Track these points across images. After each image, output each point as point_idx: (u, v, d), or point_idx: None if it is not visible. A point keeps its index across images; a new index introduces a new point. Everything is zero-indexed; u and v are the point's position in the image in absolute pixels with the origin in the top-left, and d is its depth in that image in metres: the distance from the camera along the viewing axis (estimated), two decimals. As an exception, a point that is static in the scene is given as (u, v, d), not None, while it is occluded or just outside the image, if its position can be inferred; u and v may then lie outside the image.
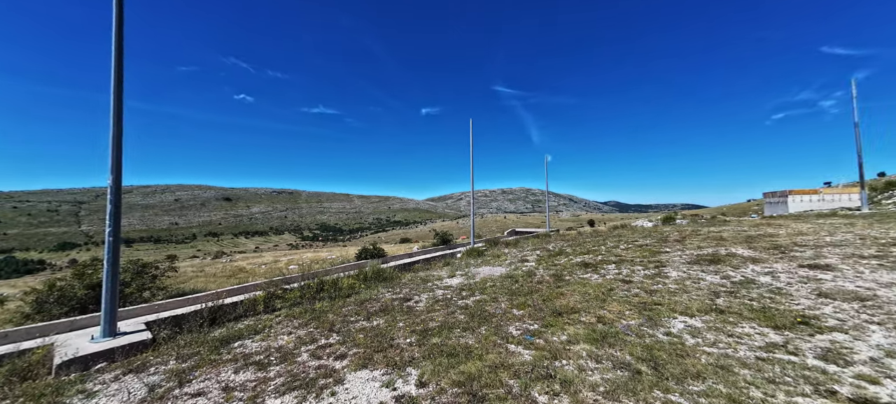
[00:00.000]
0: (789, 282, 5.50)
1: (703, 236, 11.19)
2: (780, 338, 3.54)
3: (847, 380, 2.72)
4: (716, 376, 2.91)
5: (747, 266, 6.68)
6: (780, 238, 9.74)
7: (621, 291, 5.77)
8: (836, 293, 4.75)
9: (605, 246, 10.92)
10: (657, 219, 23.39)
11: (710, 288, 5.52)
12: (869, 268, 5.93)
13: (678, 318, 4.32)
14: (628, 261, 8.11)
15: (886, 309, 4.08)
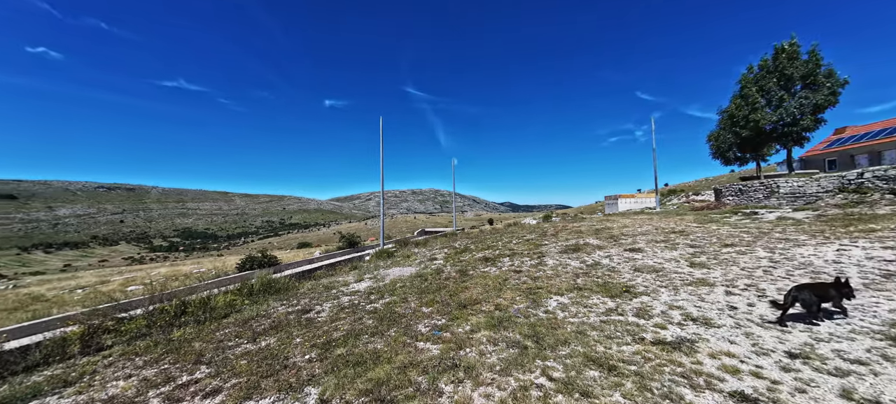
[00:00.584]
0: (619, 262, 7.45)
1: (570, 230, 14.00)
2: (614, 304, 4.76)
3: (649, 329, 3.87)
4: (576, 340, 3.68)
5: (596, 252, 8.72)
6: (614, 230, 13.06)
7: (514, 280, 6.64)
8: (643, 268, 6.71)
9: (501, 241, 12.37)
10: (539, 218, 27.87)
11: (574, 271, 6.95)
12: (660, 249, 8.61)
13: (553, 298, 5.27)
14: (519, 254, 9.40)
15: (669, 276, 6.00)
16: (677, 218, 16.02)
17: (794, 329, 3.51)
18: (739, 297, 4.56)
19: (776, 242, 7.84)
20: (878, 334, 3.22)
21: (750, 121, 16.75)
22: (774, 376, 2.68)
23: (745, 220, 12.08)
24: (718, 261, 6.66)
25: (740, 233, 9.62)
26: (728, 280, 5.36)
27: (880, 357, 2.82)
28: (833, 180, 13.33)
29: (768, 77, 16.42)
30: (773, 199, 14.67)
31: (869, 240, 7.05)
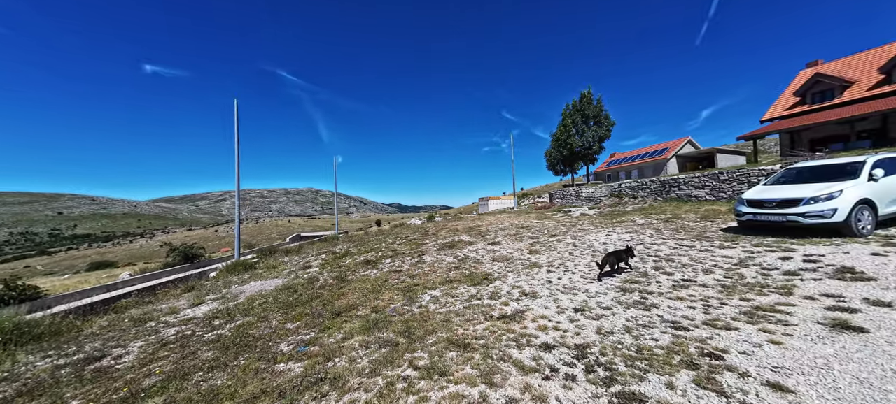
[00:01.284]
0: (483, 254, 8.78)
1: (449, 229, 15.43)
2: (475, 291, 5.59)
3: (497, 307, 4.75)
4: (443, 328, 4.12)
5: (467, 247, 9.97)
6: (482, 227, 15.27)
7: (394, 280, 6.78)
8: (499, 258, 8.15)
9: (386, 243, 12.38)
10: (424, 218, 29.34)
11: (448, 266, 7.72)
12: (512, 241, 10.66)
13: (427, 293, 5.69)
14: (401, 254, 9.66)
15: (515, 263, 7.51)
16: (526, 216, 20.17)
17: (579, 291, 5.06)
18: (554, 273, 6.20)
19: (578, 232, 11.07)
20: (619, 289, 5.07)
21: (568, 145, 23.14)
22: (565, 326, 3.81)
23: (564, 217, 16.49)
24: (546, 247, 8.83)
25: (560, 226, 13.06)
26: (549, 261, 7.19)
27: (617, 303, 4.45)
28: (607, 189, 19.91)
29: (577, 113, 23.19)
30: (580, 201, 20.64)
31: (621, 228, 10.93)
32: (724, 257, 5.98)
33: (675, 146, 34.55)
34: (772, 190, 7.65)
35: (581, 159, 24.00)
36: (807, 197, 6.66)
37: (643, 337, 3.34)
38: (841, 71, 20.25)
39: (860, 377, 2.38)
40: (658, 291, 4.64)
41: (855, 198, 6.31)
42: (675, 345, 3.09)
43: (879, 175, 6.68)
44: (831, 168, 7.45)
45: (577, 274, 5.99)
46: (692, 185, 14.77)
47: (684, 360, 2.81)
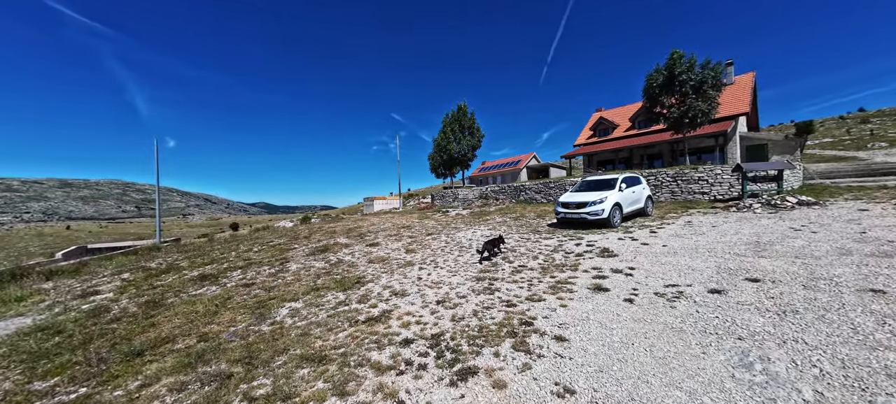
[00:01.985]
0: (360, 256, 8.43)
1: (325, 231, 14.06)
2: (344, 296, 5.27)
3: (365, 310, 4.63)
4: (298, 343, 3.66)
5: (342, 250, 9.34)
6: (364, 228, 14.71)
7: (241, 296, 5.57)
8: (376, 259, 8.03)
9: (237, 251, 10.10)
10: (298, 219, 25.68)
11: (317, 272, 6.98)
12: (391, 241, 10.72)
13: (286, 306, 4.96)
14: (257, 264, 8.07)
15: (391, 263, 7.57)
16: (409, 216, 20.78)
17: (444, 284, 5.58)
18: (425, 270, 6.61)
19: (451, 230, 12.26)
20: (474, 279, 5.87)
21: (447, 150, 25.40)
22: (426, 319, 4.10)
23: (442, 217, 17.95)
24: (422, 246, 9.33)
25: (437, 225, 14.12)
26: (422, 259, 7.62)
27: (471, 291, 5.14)
28: (477, 192, 23.00)
29: (455, 123, 25.80)
30: (456, 202, 22.97)
31: (485, 226, 12.80)
32: (546, 246, 7.87)
33: (525, 159, 43.57)
34: (574, 195, 10.67)
35: (458, 164, 26.76)
36: (589, 201, 9.63)
37: (485, 318, 3.96)
38: (613, 116, 30.56)
39: (602, 322, 3.59)
40: (501, 277, 5.64)
41: (613, 202, 9.58)
42: (505, 320, 3.81)
43: (624, 187, 10.39)
44: (602, 182, 11.06)
45: (445, 268, 6.57)
46: (534, 191, 18.89)
47: (509, 331, 3.51)
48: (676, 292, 4.16)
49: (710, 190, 12.54)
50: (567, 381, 2.59)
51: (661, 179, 13.82)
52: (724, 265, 4.98)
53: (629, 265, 5.57)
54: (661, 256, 5.92)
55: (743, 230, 7.19)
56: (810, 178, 15.41)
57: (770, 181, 11.30)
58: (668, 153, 22.78)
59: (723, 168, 12.51)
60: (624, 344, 3.09)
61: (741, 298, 3.76)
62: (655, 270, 5.14)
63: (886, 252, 4.75)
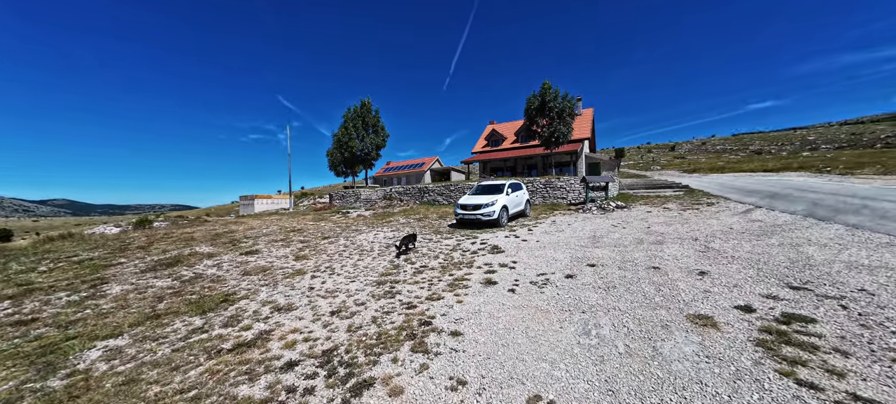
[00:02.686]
0: (229, 268, 6.85)
1: (177, 238, 10.83)
2: (202, 321, 4.15)
3: (233, 336, 3.75)
4: (119, 396, 2.64)
5: (203, 262, 7.38)
6: (238, 233, 12.10)
7: (7, 341, 3.65)
8: (254, 270, 6.69)
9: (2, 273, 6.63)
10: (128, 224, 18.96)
11: (158, 293, 5.26)
12: (277, 247, 9.18)
13: (98, 345, 3.52)
14: (45, 289, 5.49)
15: (274, 273, 6.44)
16: (302, 217, 18.36)
17: (340, 292, 5.12)
18: (318, 278, 5.92)
19: (352, 232, 11.48)
20: (375, 283, 5.63)
21: (348, 147, 23.73)
22: (318, 334, 3.65)
23: (341, 218, 16.62)
24: (316, 251, 8.36)
25: (336, 227, 12.98)
26: (316, 266, 6.82)
27: (371, 297, 4.90)
28: (381, 192, 22.42)
29: (358, 119, 24.36)
30: (358, 203, 21.73)
31: (388, 227, 12.53)
32: (446, 245, 8.31)
33: (429, 162, 45.31)
34: (470, 199, 11.70)
35: (361, 163, 25.38)
36: (483, 204, 10.76)
37: (385, 323, 3.83)
38: (502, 129, 35.22)
39: (491, 313, 4.01)
40: (404, 279, 5.60)
41: (501, 205, 10.96)
42: (405, 323, 3.78)
43: (510, 192, 12.05)
44: (493, 187, 12.55)
45: (343, 275, 6.06)
46: (436, 193, 19.76)
47: (408, 334, 3.49)
48: (545, 280, 5.06)
49: (567, 195, 15.97)
50: (460, 374, 2.75)
51: (536, 186, 16.74)
52: (574, 255, 6.38)
53: (513, 259, 6.45)
54: (535, 250, 7.10)
55: (586, 227, 9.42)
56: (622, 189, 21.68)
57: (602, 190, 15.28)
58: (541, 165, 27.81)
59: (575, 179, 16.15)
60: (507, 330, 3.52)
61: (584, 280, 4.88)
62: (531, 262, 6.12)
63: (660, 241, 7.08)
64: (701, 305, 3.67)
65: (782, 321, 3.15)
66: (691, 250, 6.05)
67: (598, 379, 2.56)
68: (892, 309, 3.23)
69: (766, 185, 16.42)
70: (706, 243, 6.46)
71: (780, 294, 3.78)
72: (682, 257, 5.62)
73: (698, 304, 3.70)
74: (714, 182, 20.71)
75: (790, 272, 4.45)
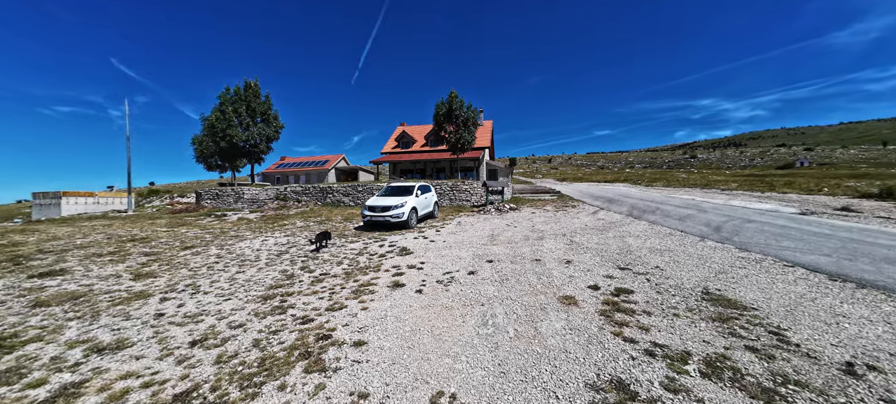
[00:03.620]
0: (6, 299, 4.57)
1: None
2: (-65, 390, 2.61)
3: (8, 399, 2.51)
4: None
5: (-56, 294, 4.69)
6: (28, 245, 8.25)
7: None
8: (55, 298, 4.65)
9: None
10: None
11: None
12: (102, 264, 6.67)
13: None
14: None
15: (94, 300, 4.64)
16: (149, 221, 14.01)
17: (209, 315, 4.11)
18: (173, 301, 4.59)
19: (230, 239, 9.43)
20: (261, 299, 4.76)
21: (227, 135, 19.44)
22: (166, 375, 2.80)
23: (214, 221, 13.45)
24: (171, 266, 6.47)
25: (205, 233, 10.41)
26: (170, 284, 5.27)
27: (254, 316, 4.11)
28: (274, 191, 19.32)
29: (241, 103, 20.23)
30: (240, 203, 18.08)
31: (281, 231, 10.84)
32: (351, 249, 7.78)
33: (335, 160, 41.78)
34: (379, 200, 11.36)
35: (245, 156, 21.18)
36: (393, 205, 10.61)
37: (271, 344, 3.27)
38: (413, 132, 35.67)
39: (398, 316, 3.95)
40: (299, 290, 4.93)
41: (411, 206, 11.04)
42: (299, 340, 3.33)
43: (420, 194, 12.26)
44: (403, 189, 12.54)
45: (213, 293, 4.89)
46: (341, 193, 18.36)
47: (302, 353, 3.08)
48: (450, 278, 5.33)
49: (470, 198, 17.41)
50: (362, 387, 2.59)
51: (444, 189, 17.61)
52: (476, 252, 6.98)
53: (421, 260, 6.56)
54: (443, 250, 7.43)
55: (486, 227, 10.47)
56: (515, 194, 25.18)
57: (499, 193, 17.35)
58: (449, 168, 29.46)
59: (477, 183, 17.78)
60: (413, 331, 3.53)
61: (484, 275, 5.39)
62: (438, 262, 6.36)
63: (541, 237, 8.50)
64: (567, 288, 4.56)
65: (615, 294, 4.22)
66: (562, 244, 7.47)
67: (492, 364, 2.85)
68: (672, 279, 4.76)
69: (606, 193, 21.88)
70: (571, 237, 8.10)
71: (614, 274, 5.06)
72: (556, 250, 6.88)
73: (565, 287, 4.59)
74: (576, 189, 26.26)
75: (619, 257, 6.03)
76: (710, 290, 4.20)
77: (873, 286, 4.19)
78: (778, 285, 4.31)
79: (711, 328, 3.26)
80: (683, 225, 9.11)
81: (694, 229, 8.42)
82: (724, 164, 73.69)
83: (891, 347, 2.83)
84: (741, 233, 7.72)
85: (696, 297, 4.01)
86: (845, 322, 3.30)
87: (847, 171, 36.09)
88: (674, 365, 2.66)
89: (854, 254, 5.63)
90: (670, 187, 26.84)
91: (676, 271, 5.07)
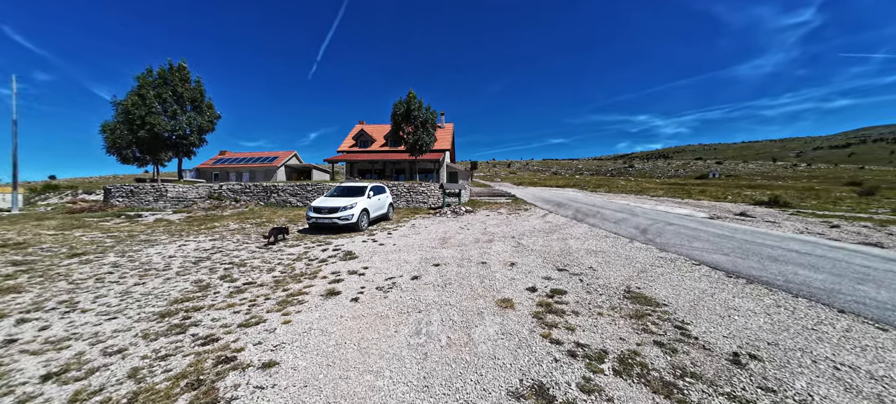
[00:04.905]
0: None
1: None
2: None
3: None
4: None
5: None
6: None
7: None
8: None
9: None
10: None
11: None
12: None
13: None
14: None
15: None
16: (35, 223, 11.51)
17: (80, 339, 3.33)
18: (34, 322, 3.65)
19: (138, 244, 8.05)
20: (157, 317, 4.04)
21: (146, 123, 16.80)
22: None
23: (123, 223, 11.47)
24: (45, 277, 5.25)
25: (106, 237, 8.79)
26: (37, 302, 4.23)
27: (142, 338, 3.45)
28: (206, 189, 17.19)
29: (165, 88, 17.63)
30: (162, 202, 15.74)
31: (207, 235, 9.58)
32: (289, 255, 7.11)
33: (284, 156, 38.73)
34: (327, 200, 10.65)
35: (171, 149, 18.52)
36: (341, 206, 10.02)
37: (154, 374, 2.72)
38: (372, 131, 34.54)
39: (324, 329, 3.60)
40: (210, 304, 4.30)
41: (361, 208, 10.52)
42: (193, 365, 2.83)
43: (372, 195, 11.76)
44: (354, 189, 11.94)
45: (95, 311, 4.04)
46: (288, 193, 16.98)
47: (192, 381, 2.60)
48: (391, 283, 5.08)
49: (428, 200, 17.26)
50: (261, 416, 2.24)
51: (401, 190, 17.22)
52: (424, 256, 6.81)
53: (365, 265, 6.20)
54: (391, 254, 7.13)
55: (440, 229, 10.37)
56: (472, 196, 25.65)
57: (455, 196, 17.46)
58: (408, 170, 29.03)
59: (435, 185, 17.70)
60: (338, 345, 3.22)
61: (428, 280, 5.24)
62: (383, 267, 6.06)
63: (491, 239, 8.63)
64: (507, 291, 4.59)
65: (550, 295, 4.34)
66: (509, 246, 7.64)
67: (417, 377, 2.67)
68: (602, 279, 5.05)
69: (556, 197, 23.29)
70: (519, 240, 8.34)
71: (552, 275, 5.24)
72: (503, 252, 6.99)
73: (505, 290, 4.62)
74: (530, 193, 27.61)
75: (560, 259, 6.31)
76: (631, 288, 4.52)
77: (758, 281, 4.87)
78: (686, 282, 4.80)
79: (628, 325, 3.47)
80: (618, 227, 9.93)
81: (626, 231, 9.21)
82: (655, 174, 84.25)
83: (769, 337, 3.24)
84: (663, 234, 8.62)
85: (619, 296, 4.28)
86: (736, 314, 3.74)
87: (746, 182, 43.23)
88: (591, 365, 2.74)
89: (747, 254, 6.56)
90: (611, 193, 29.50)
91: (606, 271, 5.41)
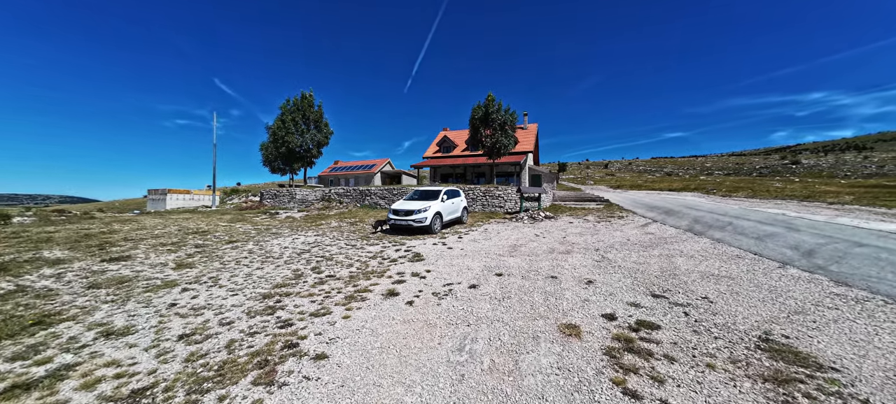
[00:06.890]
0: (73, 280, 5.41)
1: (25, 239, 8.53)
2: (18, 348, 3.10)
3: (12, 375, 2.85)
4: None
5: (41, 270, 5.80)
6: (120, 234, 10.03)
7: None
8: (106, 282, 5.41)
9: None
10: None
11: (-66, 316, 3.90)
12: (161, 252, 7.71)
13: None
14: None
15: (134, 283, 5.29)
16: (219, 217, 16.14)
17: (210, 309, 4.34)
18: (191, 292, 4.97)
19: (270, 236, 10.29)
20: (260, 297, 4.94)
21: (286, 142, 21.72)
22: (142, 367, 2.92)
23: (266, 218, 14.96)
24: (210, 257, 7.19)
25: (252, 229, 11.56)
26: (198, 276, 5.78)
27: (246, 314, 4.24)
28: (320, 192, 20.91)
29: (297, 112, 22.48)
30: (292, 203, 19.93)
31: (314, 231, 11.53)
32: (367, 252, 7.81)
33: (380, 164, 44.00)
34: (406, 203, 11.37)
35: (299, 160, 23.43)
36: (416, 209, 10.51)
37: (241, 348, 3.25)
38: (454, 137, 35.75)
39: (374, 329, 3.68)
40: (298, 291, 5.00)
41: (435, 211, 10.82)
42: (267, 345, 3.26)
43: (446, 199, 11.99)
44: (430, 193, 12.39)
45: (227, 287, 5.22)
46: (378, 196, 19.04)
47: (261, 361, 2.98)
48: (448, 290, 4.91)
49: (504, 204, 16.57)
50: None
51: (477, 194, 17.08)
52: (488, 264, 6.41)
53: (428, 268, 6.24)
54: (456, 258, 7.01)
55: (512, 236, 9.72)
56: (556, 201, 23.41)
57: (535, 201, 16.21)
58: (488, 173, 28.72)
59: (512, 189, 16.86)
60: (382, 349, 3.22)
61: (486, 290, 4.85)
62: (445, 271, 5.97)
63: (568, 250, 7.53)
64: (575, 315, 3.81)
65: (634, 328, 3.37)
66: (590, 260, 6.48)
67: (448, 401, 2.39)
68: (722, 315, 3.67)
69: (666, 203, 18.99)
70: (604, 253, 7.00)
71: (642, 302, 4.11)
72: (580, 267, 5.97)
73: (574, 314, 3.84)
74: (630, 198, 23.40)
75: (657, 281, 4.94)
76: (772, 336, 3.10)
77: None
78: (883, 337, 3.00)
79: (758, 391, 2.33)
80: (761, 245, 7.27)
81: (774, 252, 6.64)
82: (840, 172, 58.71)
83: None
84: (844, 260, 5.82)
85: (749, 344, 2.97)
86: None
87: None
88: (686, 448, 1.90)
89: None
90: (756, 198, 22.31)
91: (731, 305, 3.92)
